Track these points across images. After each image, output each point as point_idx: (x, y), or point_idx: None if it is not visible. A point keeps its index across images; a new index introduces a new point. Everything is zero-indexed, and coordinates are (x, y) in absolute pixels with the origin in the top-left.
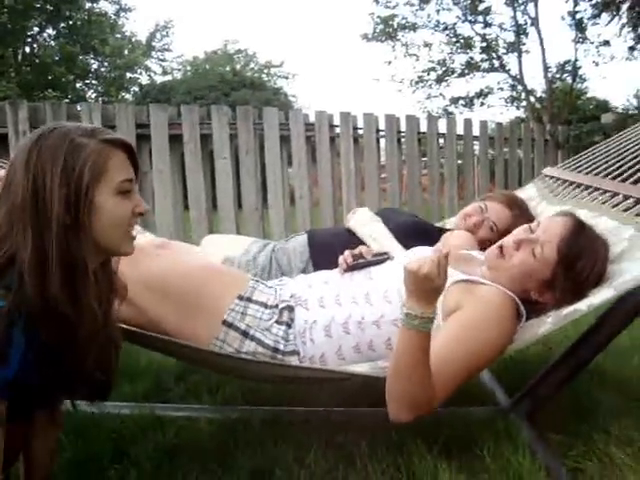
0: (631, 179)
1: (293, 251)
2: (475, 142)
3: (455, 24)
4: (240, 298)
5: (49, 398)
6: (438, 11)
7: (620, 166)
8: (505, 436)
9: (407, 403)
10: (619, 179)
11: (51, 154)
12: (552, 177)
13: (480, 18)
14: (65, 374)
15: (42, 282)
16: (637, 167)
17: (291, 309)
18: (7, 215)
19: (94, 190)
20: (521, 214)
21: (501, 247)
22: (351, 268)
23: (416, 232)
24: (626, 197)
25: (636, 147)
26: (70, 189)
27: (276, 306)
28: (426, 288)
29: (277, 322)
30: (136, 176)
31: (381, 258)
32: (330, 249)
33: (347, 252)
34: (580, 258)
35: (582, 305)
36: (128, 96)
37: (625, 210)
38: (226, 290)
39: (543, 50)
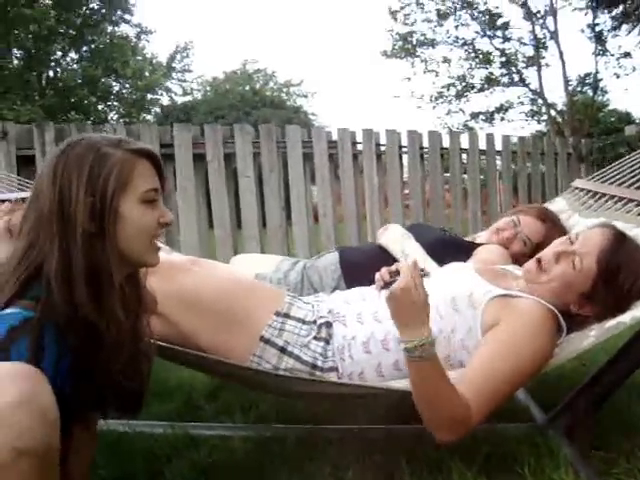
0: None
1: (324, 269)
2: (497, 157)
3: (474, 39)
4: (277, 314)
5: (83, 410)
6: (457, 27)
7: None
8: (545, 453)
9: (440, 425)
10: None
11: (77, 164)
12: (582, 189)
13: (499, 33)
14: (95, 383)
15: (69, 290)
16: None
17: (329, 325)
18: (35, 225)
19: (119, 199)
20: (554, 227)
21: (539, 260)
22: (388, 285)
23: (448, 247)
24: None
25: None
26: (95, 198)
27: (314, 322)
28: (409, 308)
29: (315, 338)
30: (162, 187)
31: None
32: (362, 266)
33: (384, 269)
34: (621, 270)
35: (625, 317)
36: (149, 117)
37: None
38: (262, 306)
39: (563, 63)
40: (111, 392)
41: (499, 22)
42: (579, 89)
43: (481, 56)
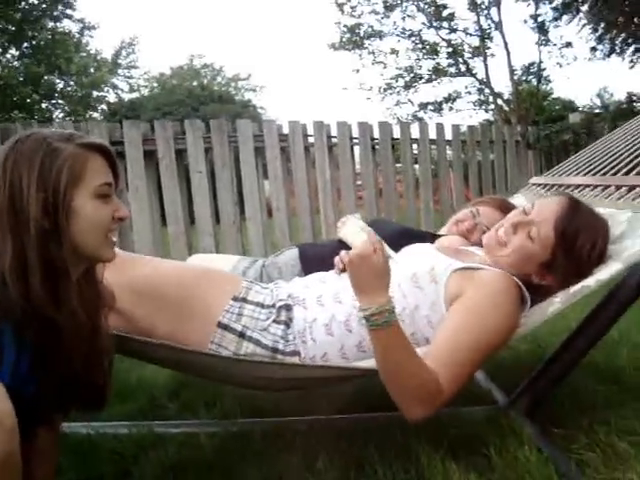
0: (620, 173)
1: (284, 265)
2: (447, 146)
3: (420, 31)
4: (235, 299)
5: (45, 410)
6: (403, 18)
7: (606, 164)
8: (509, 433)
9: (411, 400)
10: (608, 174)
11: (28, 158)
12: (539, 184)
13: (445, 24)
14: (58, 381)
15: (24, 286)
16: (623, 162)
17: (289, 308)
18: None
19: (72, 194)
20: None
21: (497, 231)
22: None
23: (409, 238)
24: (618, 187)
25: (618, 146)
26: (48, 193)
27: (273, 305)
28: (368, 274)
29: (275, 321)
30: (116, 182)
31: None
32: (322, 261)
33: (343, 252)
34: (579, 236)
35: (590, 281)
36: (96, 115)
37: (619, 199)
38: (219, 291)
39: (508, 53)
40: (73, 389)
41: (445, 13)
42: (524, 78)
43: (428, 47)
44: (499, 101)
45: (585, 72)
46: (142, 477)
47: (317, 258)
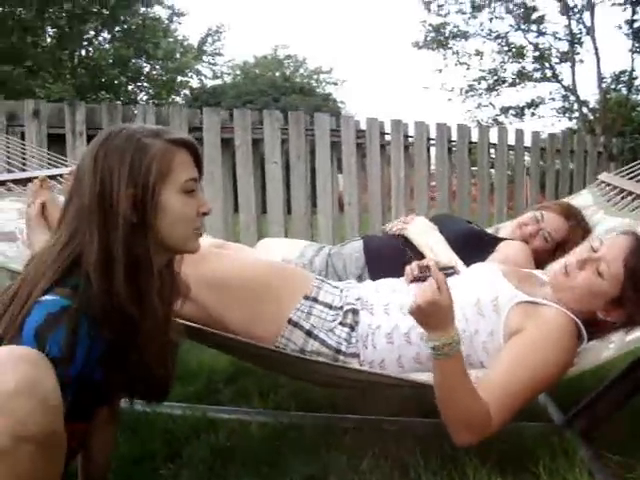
0: None
1: (349, 257)
2: (526, 153)
3: (507, 33)
4: (306, 298)
5: (111, 396)
6: (491, 19)
7: None
8: (561, 453)
9: (461, 426)
10: None
11: (118, 155)
12: (609, 184)
13: (533, 27)
14: (128, 371)
15: (107, 280)
16: None
17: (356, 312)
18: (75, 217)
19: (160, 189)
20: (577, 225)
21: (565, 267)
22: (416, 280)
23: (471, 240)
24: None
25: None
26: (137, 188)
27: (341, 308)
28: (435, 315)
29: (341, 324)
30: (200, 177)
31: (447, 272)
32: (386, 256)
33: (414, 263)
34: None
35: None
36: (178, 99)
37: None
38: (291, 289)
39: (598, 60)
40: (142, 380)
41: (534, 16)
42: (613, 87)
43: (514, 50)
44: (584, 109)
45: None
46: (191, 459)
47: (381, 253)
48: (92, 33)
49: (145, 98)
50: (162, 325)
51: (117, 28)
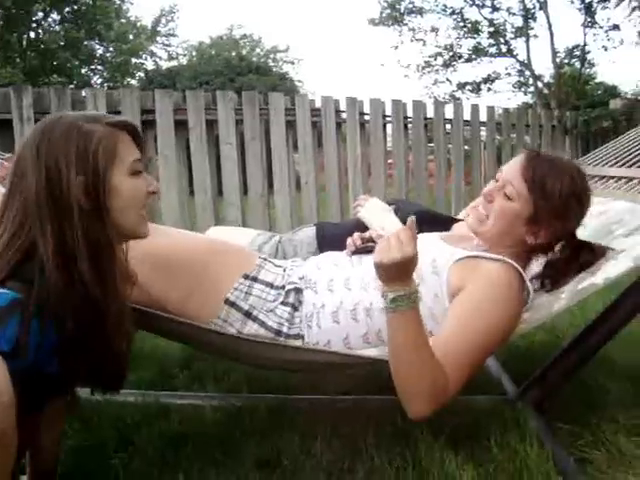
0: None
1: (300, 242)
2: (482, 128)
3: (462, 8)
4: (245, 277)
5: (65, 387)
6: None
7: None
8: (512, 425)
9: (419, 393)
10: (635, 166)
11: (62, 144)
12: None
13: (488, 2)
14: (90, 361)
15: (70, 271)
16: None
17: (299, 291)
18: (21, 212)
19: (110, 173)
20: None
21: (476, 207)
22: (359, 251)
23: (428, 221)
24: None
25: None
26: (87, 175)
27: (283, 287)
28: (401, 265)
29: (282, 303)
30: (143, 157)
31: None
32: (339, 241)
33: (356, 234)
34: (546, 178)
35: (598, 279)
36: (134, 82)
37: None
38: (231, 268)
39: (551, 35)
40: (101, 370)
41: None
42: (567, 61)
43: (469, 25)
44: (539, 84)
45: (632, 57)
46: (143, 446)
47: (334, 239)
48: (40, 15)
49: (99, 81)
50: (124, 312)
51: (67, 9)
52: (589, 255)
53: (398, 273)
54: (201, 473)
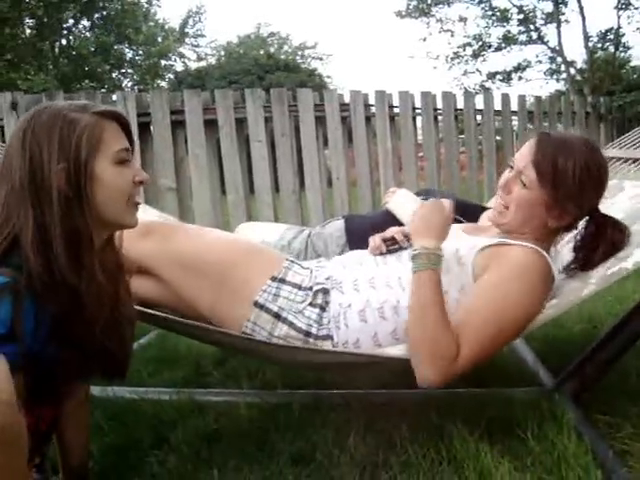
0: None
1: (330, 236)
2: (514, 117)
3: None
4: (273, 279)
5: (68, 377)
6: None
7: None
8: (550, 417)
9: (425, 355)
10: None
11: (46, 131)
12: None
13: None
14: (80, 347)
15: (46, 256)
16: None
17: (326, 292)
18: (6, 199)
19: (93, 161)
20: None
21: (497, 205)
22: (388, 253)
23: (459, 210)
24: None
25: None
26: (69, 163)
27: (310, 288)
28: (431, 221)
29: (310, 304)
30: (132, 148)
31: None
32: (368, 233)
33: (378, 237)
34: (556, 160)
35: (628, 263)
36: (163, 83)
37: None
38: (260, 270)
39: (583, 19)
40: (95, 357)
41: None
42: (600, 46)
43: (498, 14)
44: (572, 70)
45: None
46: (178, 444)
47: (363, 230)
48: (71, 21)
49: (130, 84)
50: (108, 299)
51: (96, 15)
52: (616, 231)
53: (425, 226)
54: (236, 469)
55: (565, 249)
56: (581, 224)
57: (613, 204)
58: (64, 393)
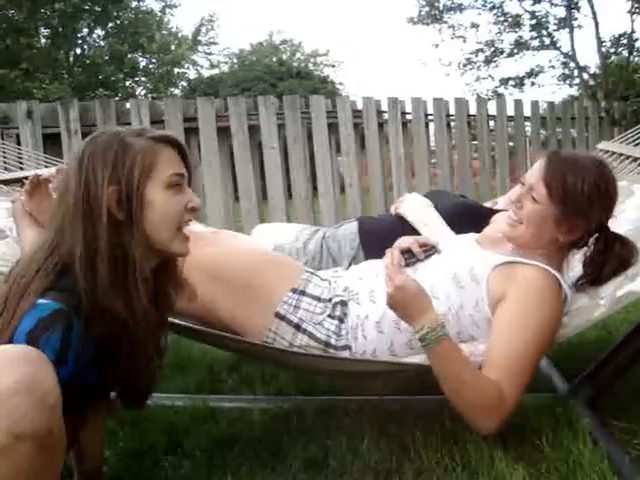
0: None
1: (344, 238)
2: (526, 123)
3: (503, 2)
4: (294, 291)
5: (102, 395)
6: None
7: None
8: (564, 423)
9: (478, 410)
10: None
11: (102, 154)
12: (607, 151)
13: None
14: (119, 372)
15: (93, 278)
16: None
17: (344, 304)
18: (62, 219)
19: (145, 185)
20: None
21: (509, 217)
22: (407, 264)
23: (466, 214)
24: None
25: None
26: (121, 185)
27: (329, 300)
28: (411, 300)
29: (329, 316)
30: (189, 173)
31: (429, 252)
32: (381, 236)
33: (396, 250)
34: (566, 177)
35: (636, 286)
36: (177, 91)
37: None
38: (280, 281)
39: (596, 24)
40: (124, 384)
41: None
42: (613, 50)
43: (510, 19)
44: (585, 75)
45: None
46: (192, 450)
47: (376, 233)
48: (85, 31)
49: (143, 92)
50: (154, 330)
51: (110, 24)
52: (624, 248)
53: (412, 309)
54: (249, 475)
55: (575, 260)
56: (591, 241)
57: (623, 212)
58: (90, 406)
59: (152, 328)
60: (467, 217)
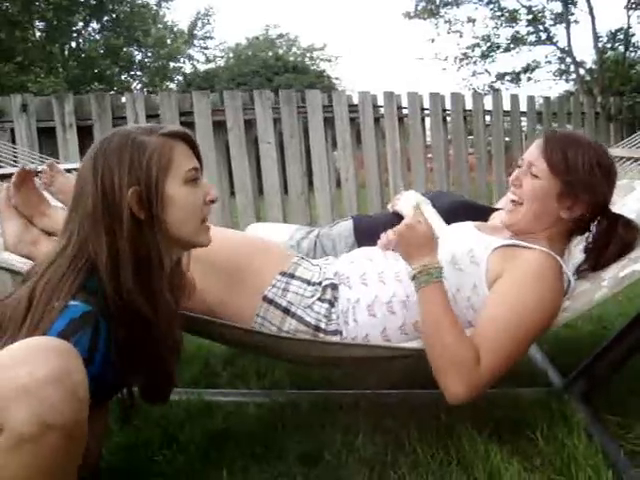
0: None
1: (338, 236)
2: (523, 118)
3: None
4: (282, 274)
5: (115, 393)
6: None
7: None
8: (559, 418)
9: (448, 371)
10: None
11: (116, 156)
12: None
13: None
14: (140, 371)
15: (117, 279)
16: None
17: (335, 287)
18: (82, 225)
19: (164, 182)
20: None
21: (509, 201)
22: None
23: (465, 212)
24: None
25: None
26: (140, 185)
27: (319, 283)
28: (415, 241)
29: (319, 299)
30: (201, 165)
31: None
32: (376, 234)
33: (390, 231)
34: (566, 153)
35: (639, 266)
36: (172, 85)
37: None
38: (269, 266)
39: (593, 19)
40: (151, 380)
41: None
42: (609, 46)
43: (507, 14)
44: (581, 70)
45: None
46: (187, 444)
47: (371, 231)
48: (81, 24)
49: (139, 86)
50: (173, 322)
51: (106, 18)
52: (628, 229)
53: (415, 248)
54: (244, 469)
55: (577, 250)
56: (593, 227)
57: (624, 205)
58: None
59: (172, 321)
60: (465, 214)
